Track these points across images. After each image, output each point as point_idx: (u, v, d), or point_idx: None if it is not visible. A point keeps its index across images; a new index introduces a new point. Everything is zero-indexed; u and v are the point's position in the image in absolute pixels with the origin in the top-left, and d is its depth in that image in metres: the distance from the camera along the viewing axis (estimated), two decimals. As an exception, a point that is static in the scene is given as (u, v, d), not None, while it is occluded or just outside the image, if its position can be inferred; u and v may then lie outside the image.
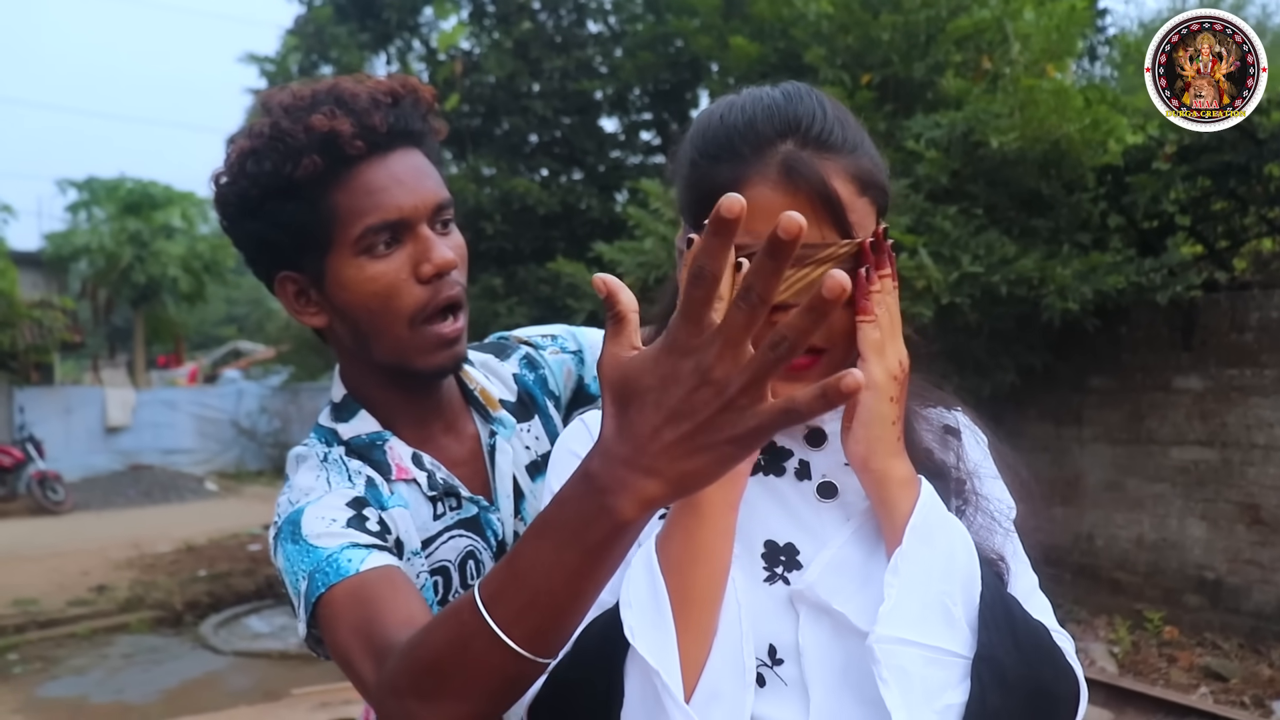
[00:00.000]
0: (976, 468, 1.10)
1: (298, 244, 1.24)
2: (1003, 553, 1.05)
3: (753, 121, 0.98)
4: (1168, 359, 6.28)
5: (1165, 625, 6.10)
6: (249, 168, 1.22)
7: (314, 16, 9.72)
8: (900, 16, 6.76)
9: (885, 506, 0.96)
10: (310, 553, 1.16)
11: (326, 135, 1.19)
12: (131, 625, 8.50)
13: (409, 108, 1.27)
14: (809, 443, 1.05)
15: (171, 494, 16.16)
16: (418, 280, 1.23)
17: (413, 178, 1.24)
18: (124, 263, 24.23)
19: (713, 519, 0.93)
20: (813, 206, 0.94)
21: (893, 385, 0.97)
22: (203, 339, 36.74)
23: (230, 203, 1.26)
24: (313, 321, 1.31)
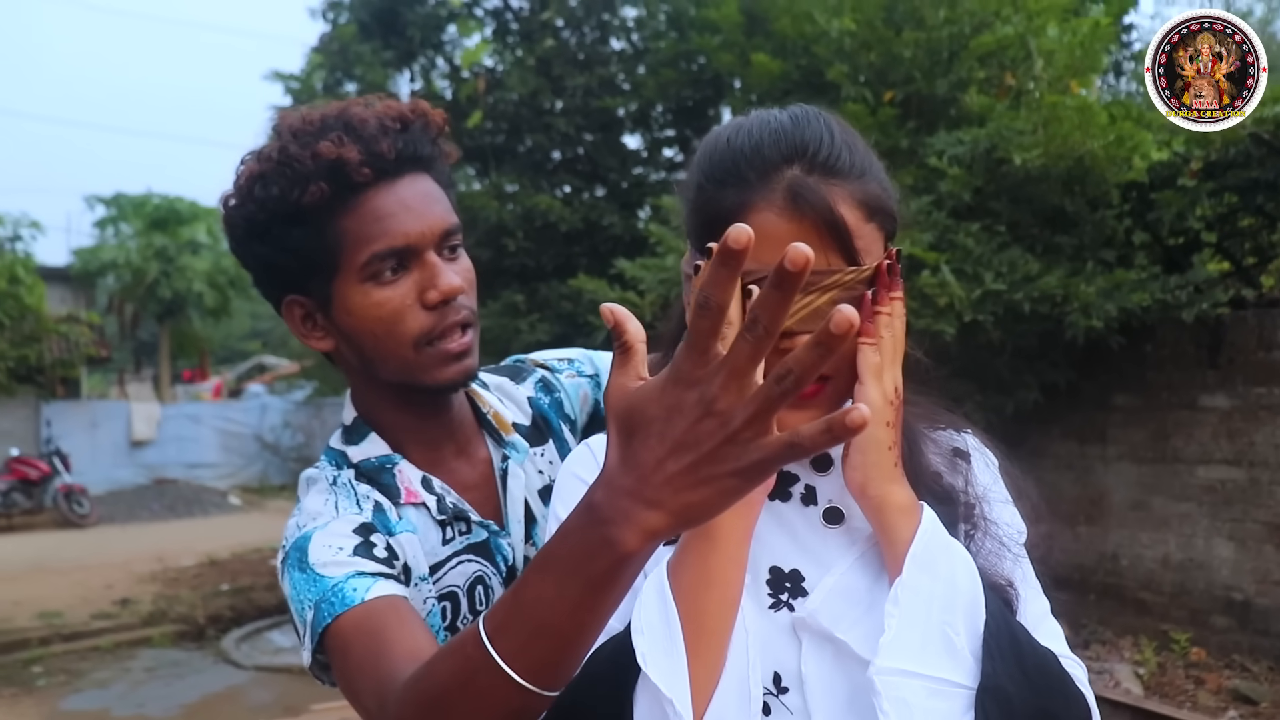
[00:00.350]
0: (986, 492, 1.09)
1: (305, 269, 1.24)
2: (1011, 578, 1.03)
3: (759, 146, 0.97)
4: (1194, 377, 6.21)
5: (1192, 647, 6.02)
6: (257, 192, 1.22)
7: (338, 34, 9.80)
8: (923, 33, 6.74)
9: (886, 534, 0.95)
10: (316, 581, 1.15)
11: (334, 163, 1.19)
12: (154, 639, 8.54)
13: (419, 133, 1.27)
14: (815, 467, 1.05)
15: (195, 508, 16.27)
16: (424, 306, 1.23)
17: (421, 204, 1.24)
18: (150, 278, 24.47)
19: (726, 547, 0.92)
20: (819, 233, 0.93)
21: (889, 410, 0.96)
22: (227, 353, 37.00)
23: (238, 225, 1.26)
24: (319, 345, 1.31)
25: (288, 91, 10.12)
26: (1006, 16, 6.42)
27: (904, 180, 6.25)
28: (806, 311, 0.93)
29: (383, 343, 1.24)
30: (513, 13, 10.30)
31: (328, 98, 9.90)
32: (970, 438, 1.14)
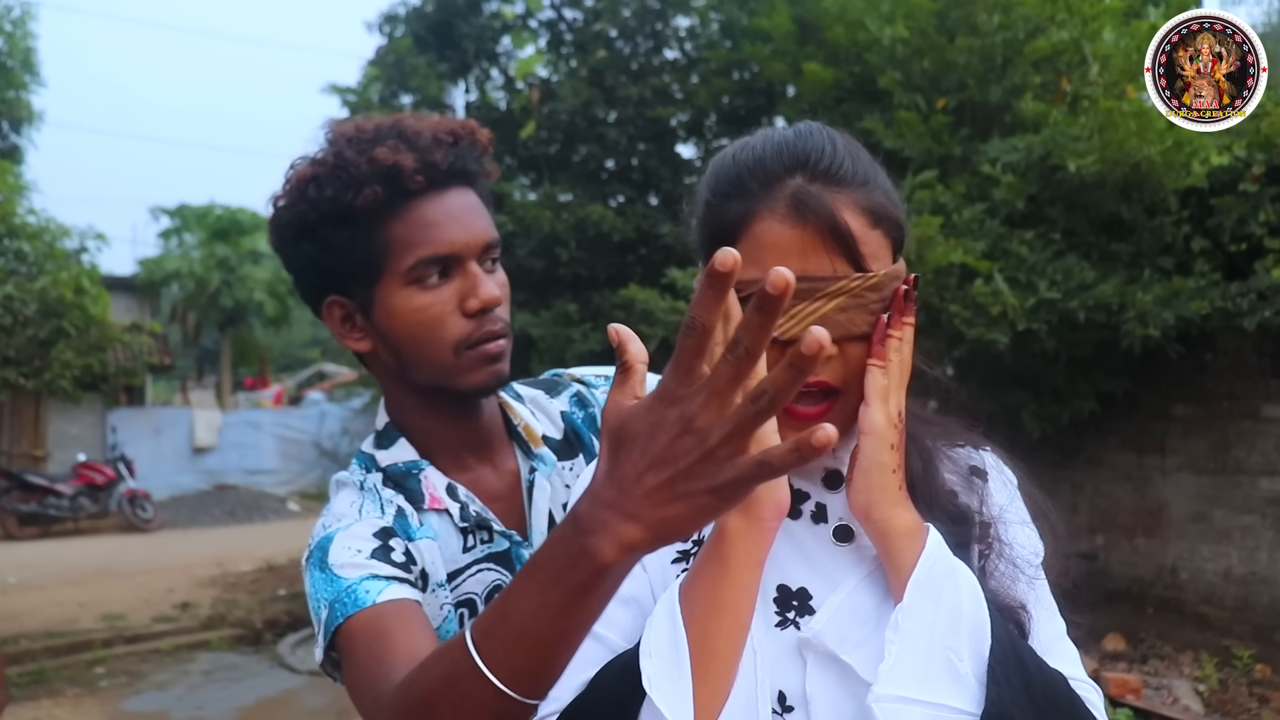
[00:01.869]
0: (1002, 511, 1.07)
1: (350, 270, 1.27)
2: (1025, 601, 1.02)
3: (762, 158, 0.98)
4: (1256, 386, 6.08)
5: (1256, 663, 5.87)
6: (310, 193, 1.26)
7: (394, 47, 9.92)
8: (977, 39, 6.68)
9: (889, 558, 0.95)
10: (333, 581, 1.19)
11: (390, 168, 1.23)
12: (212, 642, 8.68)
13: (467, 149, 1.31)
14: (826, 485, 1.04)
15: (255, 514, 16.53)
16: (463, 313, 1.27)
17: (466, 216, 1.28)
18: (212, 287, 24.97)
19: (739, 574, 0.93)
20: (823, 239, 0.94)
21: (892, 433, 0.96)
22: (288, 361, 37.57)
23: (287, 225, 1.29)
24: (357, 346, 1.34)
25: (345, 104, 10.26)
26: (1061, 21, 6.35)
27: (957, 188, 6.20)
28: (814, 318, 0.94)
29: (422, 345, 1.27)
30: (566, 24, 10.37)
31: (384, 110, 10.03)
32: (989, 455, 1.13)
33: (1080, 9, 6.24)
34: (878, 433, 0.95)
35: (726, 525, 0.93)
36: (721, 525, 0.94)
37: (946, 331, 5.80)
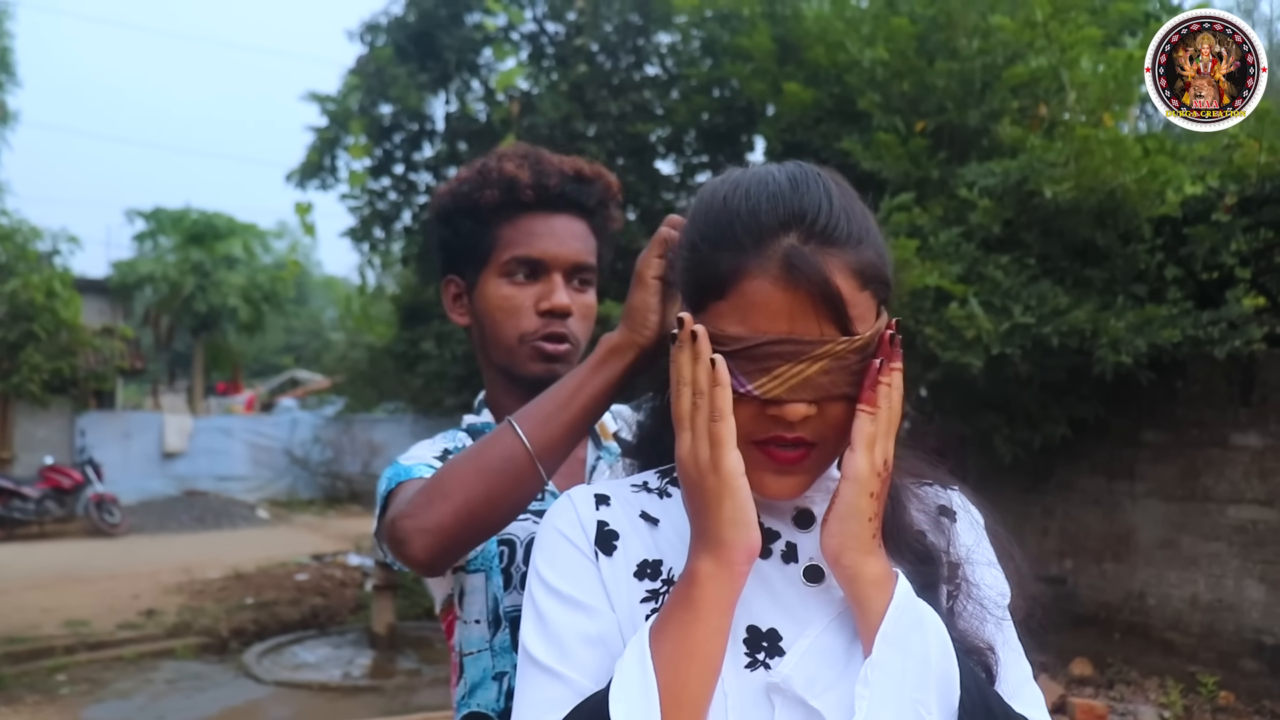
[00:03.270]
0: (969, 552, 1.07)
1: (465, 255, 1.55)
2: (993, 643, 1.01)
3: (756, 210, 0.95)
4: (1225, 414, 6.13)
5: (1221, 690, 5.91)
6: (454, 189, 1.56)
7: (375, 56, 9.88)
8: (956, 64, 6.73)
9: (858, 605, 0.94)
10: (396, 466, 1.43)
11: (510, 179, 1.50)
12: (177, 651, 8.58)
13: (588, 185, 1.56)
14: (797, 524, 1.04)
15: (224, 520, 16.37)
16: (536, 311, 1.51)
17: (565, 235, 1.53)
18: (186, 291, 24.80)
19: (709, 616, 0.92)
20: (813, 302, 0.92)
21: (875, 481, 0.94)
22: (261, 367, 37.31)
23: (437, 210, 1.59)
24: (459, 320, 1.60)
25: (324, 112, 10.22)
26: (1040, 48, 6.40)
27: (934, 211, 6.23)
28: (797, 380, 0.93)
29: (499, 328, 1.52)
30: (548, 37, 10.37)
31: (363, 119, 10.03)
32: (956, 495, 1.12)
33: (1059, 36, 6.30)
34: (860, 479, 0.94)
35: (697, 568, 0.93)
36: (692, 568, 0.93)
37: (921, 354, 5.82)
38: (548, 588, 1.01)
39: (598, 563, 1.02)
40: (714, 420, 0.92)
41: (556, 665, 0.96)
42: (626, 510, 1.07)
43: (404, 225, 11.14)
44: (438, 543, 1.20)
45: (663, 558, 1.03)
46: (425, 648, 8.81)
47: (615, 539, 1.04)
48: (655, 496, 1.10)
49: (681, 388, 0.94)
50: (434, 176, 10.94)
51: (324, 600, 10.19)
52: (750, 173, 1.01)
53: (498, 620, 1.43)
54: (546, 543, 1.06)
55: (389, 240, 11.42)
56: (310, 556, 12.62)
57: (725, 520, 0.92)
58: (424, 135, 10.61)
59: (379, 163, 10.52)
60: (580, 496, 1.08)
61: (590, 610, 0.99)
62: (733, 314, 0.94)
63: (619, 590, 1.00)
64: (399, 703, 7.27)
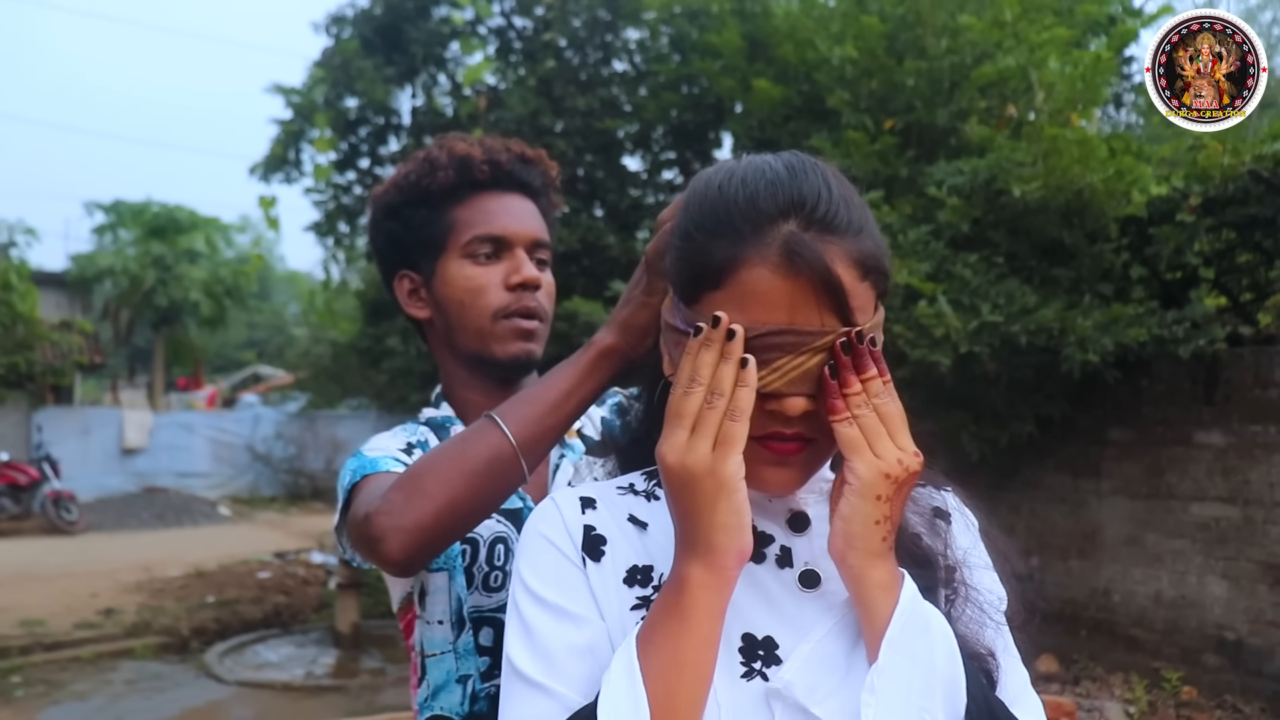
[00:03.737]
0: (966, 555, 1.05)
1: (419, 245, 1.52)
2: (993, 648, 0.99)
3: (754, 197, 0.92)
4: (1189, 413, 6.18)
5: (1183, 685, 5.97)
6: (399, 180, 1.54)
7: (341, 49, 9.77)
8: (924, 63, 6.74)
9: (863, 609, 0.91)
10: (359, 458, 1.40)
11: (462, 158, 1.50)
12: (136, 651, 8.45)
13: (532, 167, 1.56)
14: (791, 527, 1.01)
15: (184, 517, 16.17)
16: (505, 287, 1.49)
17: (520, 213, 1.53)
18: (147, 285, 24.51)
19: (699, 625, 0.88)
20: (814, 291, 0.89)
21: (883, 483, 0.90)
22: (222, 362, 36.96)
23: (380, 207, 1.56)
24: (418, 314, 1.56)
25: (289, 105, 10.10)
26: (1009, 48, 6.43)
27: (903, 209, 6.24)
28: (797, 373, 0.90)
29: (468, 310, 1.49)
30: (516, 32, 10.31)
31: (329, 112, 9.92)
32: (950, 496, 1.10)
33: (1027, 37, 6.33)
34: (860, 481, 0.90)
35: (687, 574, 0.89)
36: (681, 574, 0.89)
37: (890, 352, 5.81)
38: (533, 597, 0.97)
39: (585, 570, 0.98)
40: (731, 419, 0.88)
41: (544, 679, 0.92)
42: (614, 514, 1.03)
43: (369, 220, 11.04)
44: (415, 542, 1.16)
45: (653, 563, 0.99)
46: (390, 646, 8.73)
47: (603, 544, 1.00)
48: (643, 499, 1.06)
49: (694, 386, 0.89)
50: (400, 171, 10.84)
51: (287, 598, 10.08)
52: (746, 162, 0.98)
53: (461, 621, 1.40)
54: (531, 549, 1.01)
55: (354, 235, 11.31)
56: (273, 554, 12.49)
57: (718, 524, 0.88)
58: (390, 129, 10.51)
59: (344, 156, 10.42)
60: (565, 500, 1.03)
61: (578, 620, 0.95)
62: (730, 304, 0.90)
63: (608, 598, 0.97)
64: (363, 702, 7.20)
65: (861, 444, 0.91)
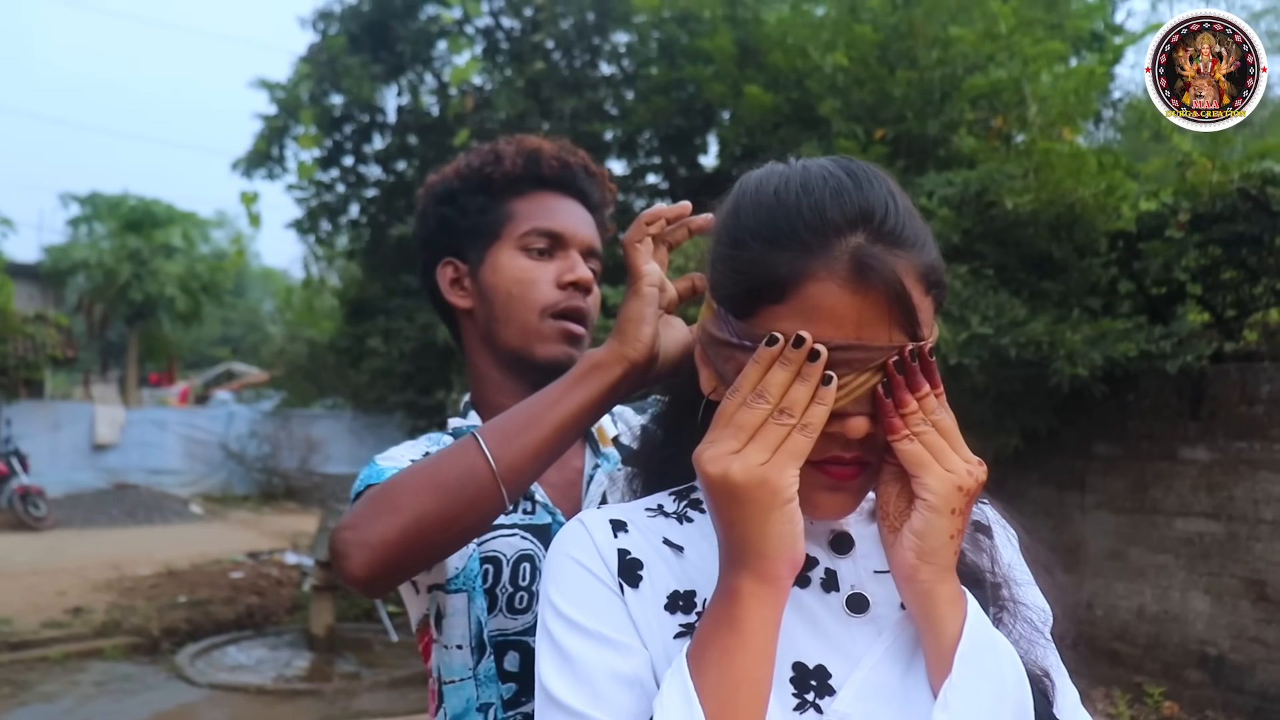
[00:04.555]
0: (1010, 570, 1.01)
1: (470, 232, 1.46)
2: (1046, 667, 0.96)
3: (820, 207, 0.86)
4: (1175, 428, 6.19)
5: (1166, 700, 5.97)
6: (460, 168, 1.49)
7: (327, 45, 9.70)
8: (915, 73, 6.74)
9: (931, 624, 0.87)
10: (371, 467, 1.33)
11: (532, 151, 1.46)
12: (105, 651, 8.31)
13: (594, 181, 1.52)
14: (834, 549, 0.96)
15: (155, 515, 15.95)
16: (557, 285, 1.43)
17: (579, 219, 1.48)
18: (122, 279, 24.27)
19: (754, 641, 0.83)
20: (884, 307, 0.84)
21: (956, 496, 0.86)
22: (196, 359, 36.67)
23: (435, 193, 1.50)
24: (459, 303, 1.49)
25: (273, 100, 10.00)
26: (1001, 61, 6.43)
27: (893, 219, 6.23)
28: (862, 391, 0.85)
29: (515, 303, 1.42)
30: (504, 32, 10.26)
31: (314, 108, 9.83)
32: (990, 509, 1.07)
33: (1021, 50, 6.33)
34: (937, 496, 0.86)
35: (738, 586, 0.84)
36: (732, 586, 0.84)
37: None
38: (569, 624, 0.91)
39: (623, 596, 0.92)
40: (802, 431, 0.83)
41: (589, 709, 0.86)
42: (647, 537, 0.97)
43: (350, 219, 10.95)
44: (379, 560, 1.09)
45: (695, 588, 0.94)
46: (365, 650, 8.64)
47: (639, 569, 0.94)
48: (675, 521, 1.00)
49: (759, 401, 0.84)
50: (383, 170, 10.78)
51: (260, 599, 9.95)
52: (799, 167, 0.93)
53: (482, 646, 1.32)
54: (562, 574, 0.95)
55: (335, 233, 11.23)
56: (246, 554, 12.34)
57: (771, 533, 0.83)
58: (375, 127, 10.44)
59: (328, 154, 10.34)
60: (594, 522, 0.98)
61: (621, 647, 0.89)
62: (793, 319, 0.85)
63: (649, 626, 0.91)
64: (338, 707, 7.11)
65: (929, 459, 0.87)
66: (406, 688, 7.58)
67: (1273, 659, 5.73)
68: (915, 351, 0.86)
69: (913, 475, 0.87)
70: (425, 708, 5.74)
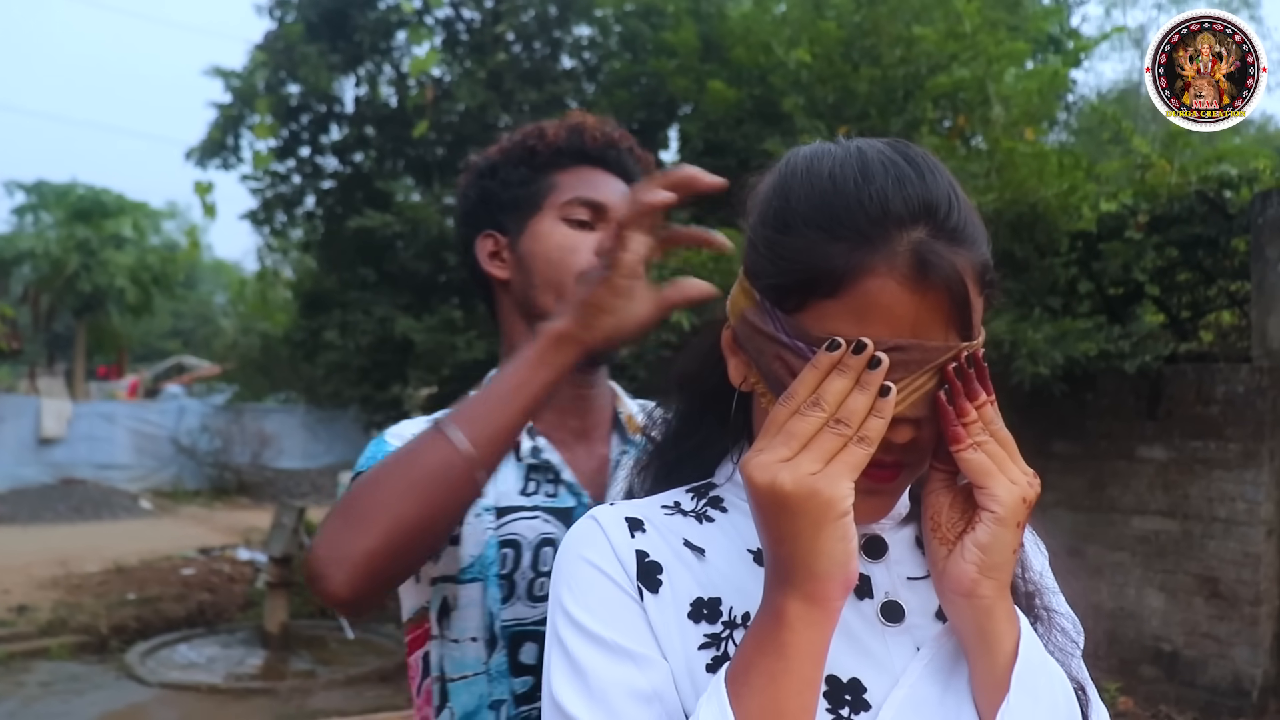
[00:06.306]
0: (1041, 579, 0.99)
1: (511, 204, 1.45)
2: (1081, 679, 0.93)
3: (883, 197, 0.81)
4: (1133, 428, 6.25)
5: (1121, 696, 6.03)
6: (503, 144, 1.49)
7: (284, 33, 9.53)
8: (879, 71, 6.76)
9: (986, 641, 0.83)
10: (380, 444, 1.30)
11: (577, 124, 1.46)
12: (52, 650, 8.12)
13: (639, 163, 1.51)
14: (867, 554, 0.91)
15: (104, 511, 15.67)
16: (596, 254, 1.36)
17: (622, 194, 1.44)
18: (69, 270, 23.82)
19: (800, 666, 0.78)
20: (943, 306, 0.80)
21: (1021, 508, 0.83)
22: (146, 351, 36.07)
23: (478, 168, 1.51)
24: (498, 274, 1.48)
25: (228, 89, 9.82)
26: (965, 60, 6.46)
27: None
28: (918, 394, 0.81)
29: (554, 268, 1.40)
30: (464, 24, 10.15)
31: (270, 97, 9.67)
32: None
33: (985, 50, 6.36)
34: (1005, 509, 0.82)
35: (784, 607, 0.78)
36: (778, 607, 0.78)
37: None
38: (584, 633, 0.85)
39: (642, 602, 0.86)
40: (859, 444, 0.78)
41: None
42: (666, 538, 0.91)
43: (306, 211, 10.79)
44: (362, 574, 1.03)
45: (720, 595, 0.88)
46: (320, 648, 8.52)
47: (659, 572, 0.88)
48: (694, 521, 0.94)
49: (814, 410, 0.79)
50: (340, 161, 10.63)
51: (212, 596, 9.78)
52: (852, 150, 0.87)
53: (493, 638, 1.26)
54: (575, 577, 0.89)
55: (290, 225, 11.06)
56: (197, 550, 12.14)
57: (822, 551, 0.77)
58: (332, 118, 10.29)
59: (284, 144, 10.16)
60: (610, 521, 0.91)
61: (640, 660, 0.84)
62: (847, 315, 0.80)
63: (669, 635, 0.85)
64: (293, 706, 7.00)
65: (995, 470, 0.83)
66: (362, 685, 7.49)
67: (1224, 654, 5.81)
68: (970, 358, 0.83)
69: (978, 486, 0.83)
70: (382, 706, 5.64)
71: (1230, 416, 5.82)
